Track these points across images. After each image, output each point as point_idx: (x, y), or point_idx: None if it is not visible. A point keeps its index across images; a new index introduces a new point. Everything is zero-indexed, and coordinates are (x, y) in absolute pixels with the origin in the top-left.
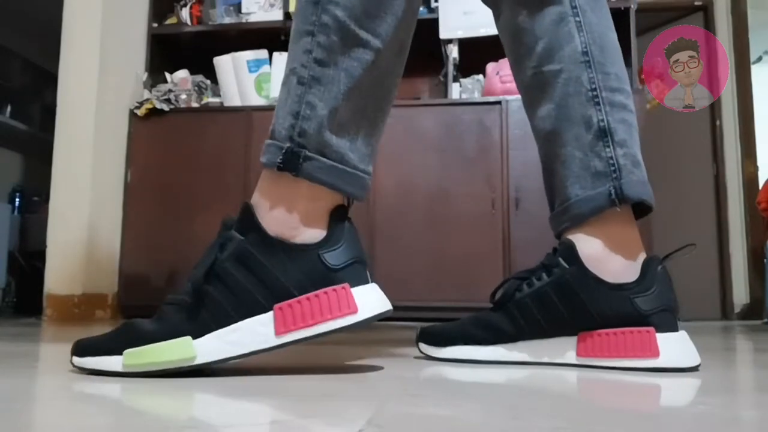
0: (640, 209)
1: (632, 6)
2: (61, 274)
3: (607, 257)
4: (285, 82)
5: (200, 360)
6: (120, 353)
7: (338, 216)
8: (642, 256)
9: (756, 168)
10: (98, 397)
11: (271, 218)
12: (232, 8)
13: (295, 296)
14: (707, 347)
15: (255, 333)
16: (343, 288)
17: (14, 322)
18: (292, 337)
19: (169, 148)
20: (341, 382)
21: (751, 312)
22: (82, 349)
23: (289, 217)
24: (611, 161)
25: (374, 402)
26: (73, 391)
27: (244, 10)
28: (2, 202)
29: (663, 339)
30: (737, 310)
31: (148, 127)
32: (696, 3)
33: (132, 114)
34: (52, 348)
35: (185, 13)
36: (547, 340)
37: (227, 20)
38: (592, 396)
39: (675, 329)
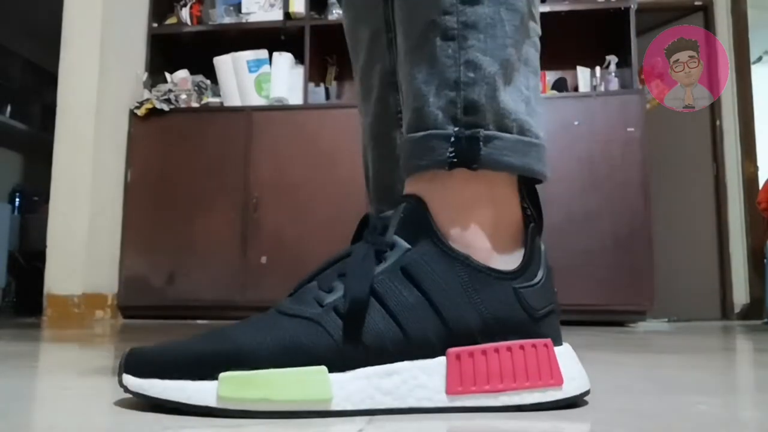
0: None
1: (632, 6)
2: (61, 275)
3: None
4: (416, 48)
5: (336, 404)
6: (212, 377)
7: (535, 232)
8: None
9: (756, 168)
10: (98, 397)
11: (446, 231)
12: (232, 8)
13: (477, 343)
14: (707, 347)
15: (418, 383)
16: (546, 345)
17: (14, 322)
18: (469, 401)
19: (169, 148)
20: None
21: (751, 312)
22: (142, 365)
23: (470, 229)
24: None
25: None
26: (74, 391)
27: (244, 10)
28: (2, 202)
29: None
30: (737, 310)
31: (148, 127)
32: (696, 3)
33: (132, 114)
34: (52, 348)
35: (185, 13)
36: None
37: (227, 20)
38: (592, 396)
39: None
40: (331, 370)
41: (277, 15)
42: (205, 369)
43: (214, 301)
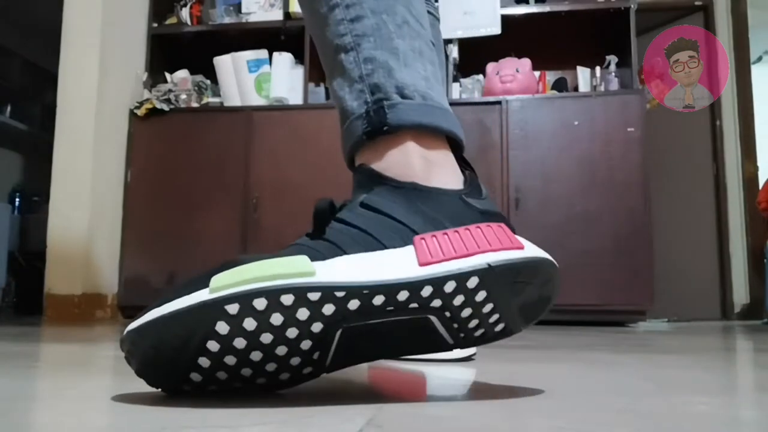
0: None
1: (632, 6)
2: (61, 274)
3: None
4: (333, 72)
5: (320, 277)
6: (206, 285)
7: (473, 174)
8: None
9: (756, 168)
10: (98, 397)
11: (394, 174)
12: (232, 8)
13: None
14: (707, 347)
15: (392, 261)
16: (500, 226)
17: (14, 322)
18: (439, 268)
19: (169, 148)
20: (341, 383)
21: (751, 312)
22: (141, 312)
23: (415, 166)
24: None
25: (374, 402)
26: (73, 391)
27: (244, 10)
28: (2, 202)
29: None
30: (737, 310)
31: (148, 127)
32: (696, 3)
33: (132, 114)
34: (52, 348)
35: (185, 13)
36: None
37: (227, 20)
38: (592, 396)
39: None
40: (314, 260)
41: (277, 15)
42: (199, 283)
43: None
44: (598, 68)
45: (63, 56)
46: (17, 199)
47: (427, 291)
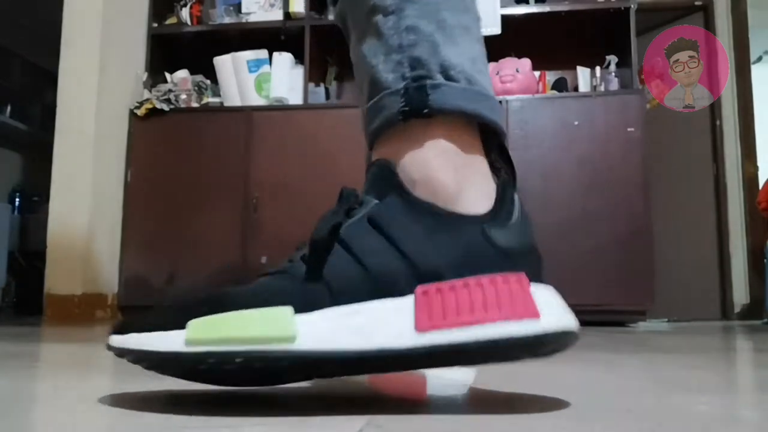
0: None
1: (632, 6)
2: (61, 275)
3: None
4: (364, 34)
5: (301, 344)
6: (182, 326)
7: (507, 183)
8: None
9: (756, 168)
10: (98, 398)
11: (412, 183)
12: (232, 8)
13: (446, 279)
14: (707, 347)
15: (386, 322)
16: (518, 280)
17: (14, 322)
18: (439, 337)
19: (169, 148)
20: (341, 382)
21: (751, 312)
22: (126, 324)
23: (434, 178)
24: None
25: (374, 402)
26: (73, 391)
27: (244, 10)
28: (2, 202)
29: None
30: (737, 310)
31: (148, 127)
32: (696, 3)
33: (132, 114)
34: (52, 348)
35: (185, 13)
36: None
37: (227, 20)
38: (592, 396)
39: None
40: (298, 311)
41: (277, 15)
42: (178, 319)
43: None
44: (598, 68)
45: (63, 56)
46: (17, 199)
47: (420, 360)
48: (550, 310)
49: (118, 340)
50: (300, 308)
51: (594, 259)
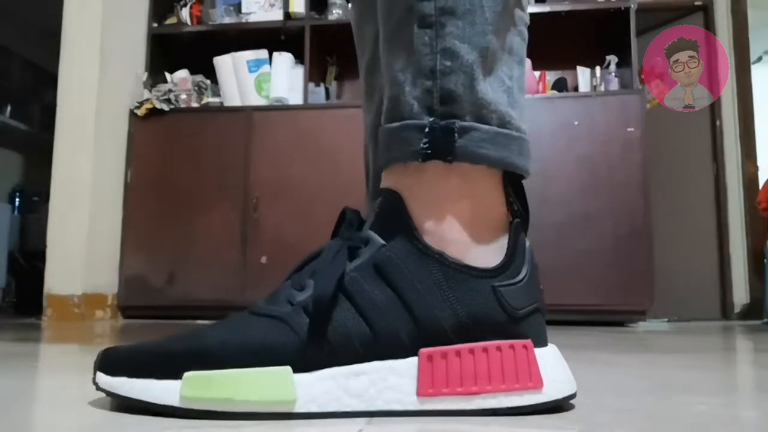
0: None
1: (632, 6)
2: (61, 274)
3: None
4: (393, 36)
5: (301, 406)
6: (177, 376)
7: (520, 229)
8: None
9: (756, 168)
10: (98, 398)
11: (422, 227)
12: (232, 8)
13: (452, 343)
14: (707, 347)
15: (387, 385)
16: (525, 347)
17: (14, 322)
18: (441, 404)
19: (169, 148)
20: None
21: (751, 312)
22: (114, 363)
23: (446, 224)
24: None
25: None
26: (73, 391)
27: (244, 10)
28: (2, 202)
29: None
30: (737, 310)
31: (148, 127)
32: (696, 3)
33: (132, 114)
34: (52, 348)
35: (185, 13)
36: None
37: (227, 20)
38: (592, 396)
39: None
40: (296, 370)
41: (277, 15)
42: (171, 368)
43: (214, 301)
44: (598, 68)
45: (63, 56)
46: (17, 199)
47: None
48: (555, 377)
49: (107, 383)
50: (299, 367)
51: (594, 259)
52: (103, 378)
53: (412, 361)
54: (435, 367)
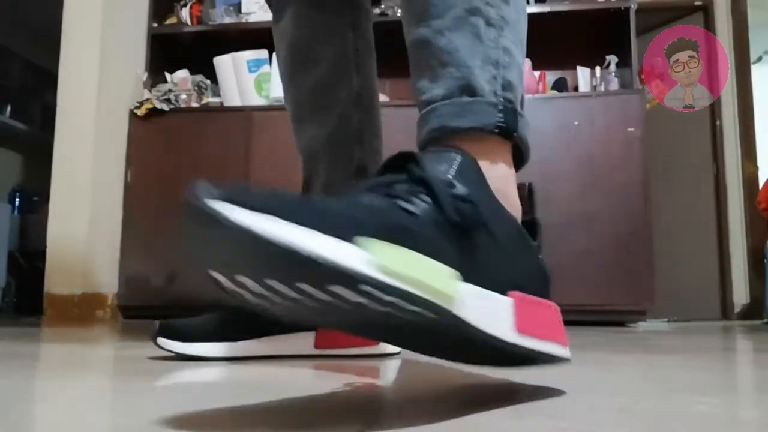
0: None
1: (632, 6)
2: (61, 274)
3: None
4: (461, 25)
5: (458, 307)
6: (347, 238)
7: (536, 221)
8: None
9: (756, 168)
10: (98, 397)
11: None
12: (232, 8)
13: (525, 290)
14: (707, 347)
15: (496, 315)
16: (557, 310)
17: (14, 322)
18: (530, 342)
19: (169, 148)
20: (340, 383)
21: (751, 312)
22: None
23: (514, 197)
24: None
25: (374, 403)
26: (73, 391)
27: (244, 10)
28: (2, 202)
29: None
30: (737, 310)
31: (148, 127)
32: (696, 3)
33: (132, 114)
34: (52, 348)
35: (185, 13)
36: (291, 334)
37: (227, 20)
38: (592, 395)
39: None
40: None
41: None
42: (342, 228)
43: (214, 301)
44: (598, 68)
45: (63, 56)
46: (17, 199)
47: (511, 357)
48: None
49: (245, 220)
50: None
51: (594, 259)
52: (237, 213)
53: (506, 302)
54: (526, 310)
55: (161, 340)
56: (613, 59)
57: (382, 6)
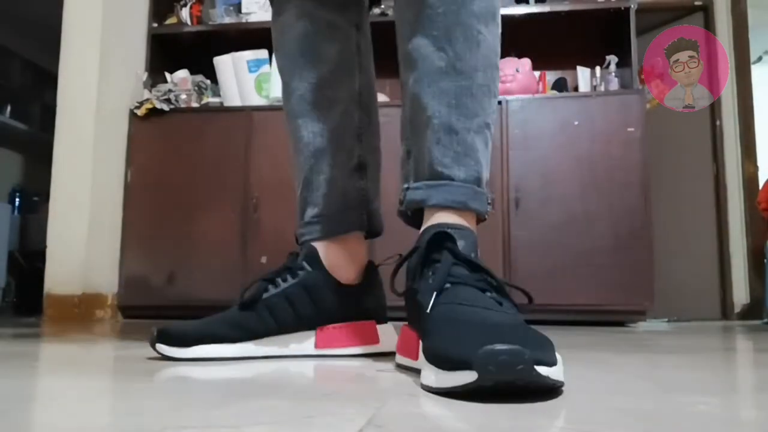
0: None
1: (632, 6)
2: (61, 274)
3: (344, 265)
4: (481, 132)
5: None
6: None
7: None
8: (364, 265)
9: (756, 168)
10: (98, 397)
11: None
12: (232, 8)
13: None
14: (707, 347)
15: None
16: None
17: (14, 322)
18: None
19: (169, 148)
20: (341, 383)
21: (751, 312)
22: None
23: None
24: (362, 192)
25: (374, 402)
26: (73, 391)
27: (244, 10)
28: (2, 202)
29: (380, 329)
30: (737, 310)
31: (148, 127)
32: (696, 3)
33: (132, 114)
34: (52, 348)
35: (185, 13)
36: (290, 335)
37: (227, 20)
38: (592, 396)
39: (386, 321)
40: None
41: None
42: (548, 353)
43: (214, 301)
44: (598, 68)
45: (63, 56)
46: (17, 199)
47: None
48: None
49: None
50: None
51: (594, 259)
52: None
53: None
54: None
55: (160, 347)
56: (613, 59)
57: (382, 6)
